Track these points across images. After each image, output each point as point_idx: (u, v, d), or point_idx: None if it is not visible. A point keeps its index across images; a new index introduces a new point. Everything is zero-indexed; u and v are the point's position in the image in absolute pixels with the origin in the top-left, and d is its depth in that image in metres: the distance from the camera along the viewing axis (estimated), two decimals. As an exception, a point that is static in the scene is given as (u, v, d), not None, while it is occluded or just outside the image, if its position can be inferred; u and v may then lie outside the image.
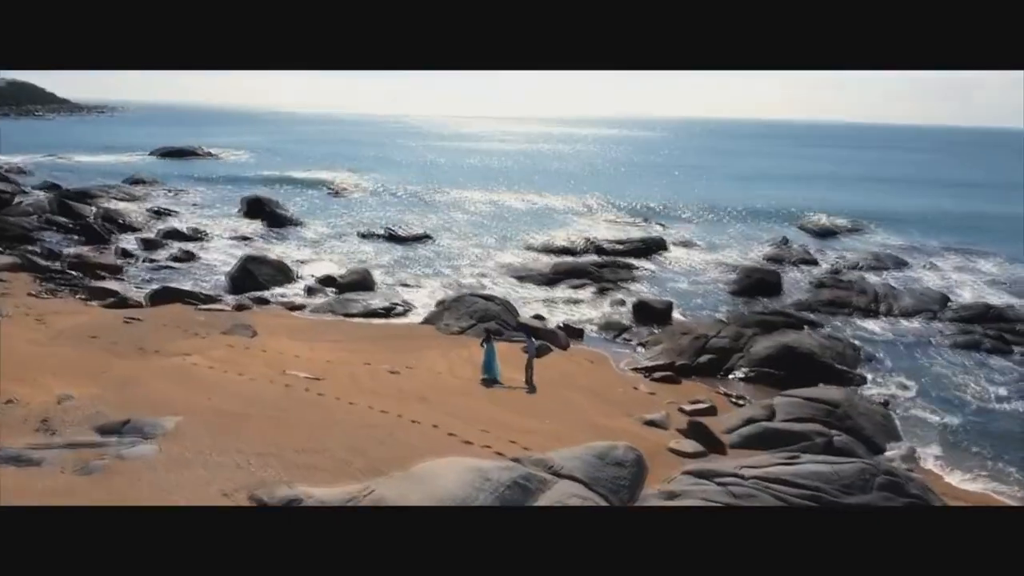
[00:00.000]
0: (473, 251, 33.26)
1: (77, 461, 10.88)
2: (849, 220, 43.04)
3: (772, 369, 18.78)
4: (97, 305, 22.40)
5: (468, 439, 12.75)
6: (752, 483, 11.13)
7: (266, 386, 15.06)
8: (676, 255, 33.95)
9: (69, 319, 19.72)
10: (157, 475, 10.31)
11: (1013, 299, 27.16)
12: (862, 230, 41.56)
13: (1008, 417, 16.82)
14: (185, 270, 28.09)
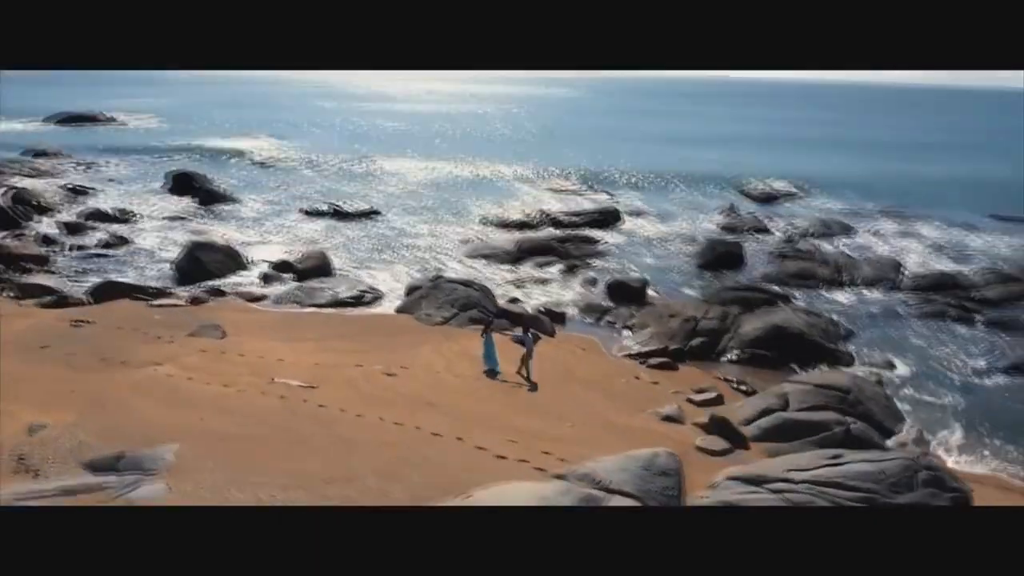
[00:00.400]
0: (426, 227, 32.14)
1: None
2: (788, 183, 43.91)
3: (763, 350, 18.84)
4: (33, 305, 20.34)
5: (500, 452, 12.10)
6: (805, 487, 10.95)
7: (258, 399, 13.93)
8: (631, 226, 33.78)
9: (6, 324, 17.77)
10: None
11: (960, 265, 28.23)
12: (801, 194, 42.46)
13: (995, 392, 17.41)
14: (121, 258, 25.94)
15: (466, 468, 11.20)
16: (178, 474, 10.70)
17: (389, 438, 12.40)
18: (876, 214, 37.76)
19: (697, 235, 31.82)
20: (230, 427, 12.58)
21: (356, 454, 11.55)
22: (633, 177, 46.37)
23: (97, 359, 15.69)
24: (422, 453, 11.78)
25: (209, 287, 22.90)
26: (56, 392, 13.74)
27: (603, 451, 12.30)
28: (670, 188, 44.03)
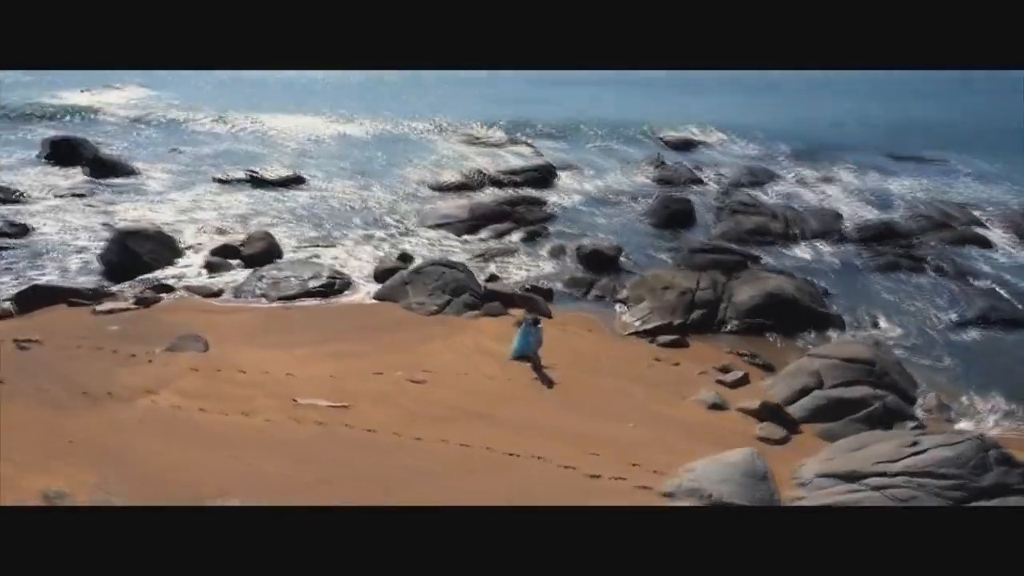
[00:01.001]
0: (361, 195, 30.21)
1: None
2: (701, 129, 44.73)
3: (762, 319, 19.17)
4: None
5: (590, 471, 11.57)
6: (903, 480, 11.20)
7: (293, 428, 12.64)
8: (569, 183, 33.30)
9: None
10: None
11: (889, 212, 29.88)
12: (716, 140, 43.38)
13: (979, 347, 18.65)
14: (27, 251, 22.70)
15: (567, 496, 10.63)
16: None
17: (468, 465, 11.59)
18: (791, 158, 39.15)
19: (638, 191, 31.84)
20: (281, 468, 11.33)
21: (449, 491, 10.68)
22: (545, 126, 45.47)
23: (75, 392, 13.63)
24: (516, 483, 11.07)
25: (151, 282, 20.52)
26: (49, 443, 11.80)
27: (681, 455, 12.10)
28: (585, 137, 43.44)
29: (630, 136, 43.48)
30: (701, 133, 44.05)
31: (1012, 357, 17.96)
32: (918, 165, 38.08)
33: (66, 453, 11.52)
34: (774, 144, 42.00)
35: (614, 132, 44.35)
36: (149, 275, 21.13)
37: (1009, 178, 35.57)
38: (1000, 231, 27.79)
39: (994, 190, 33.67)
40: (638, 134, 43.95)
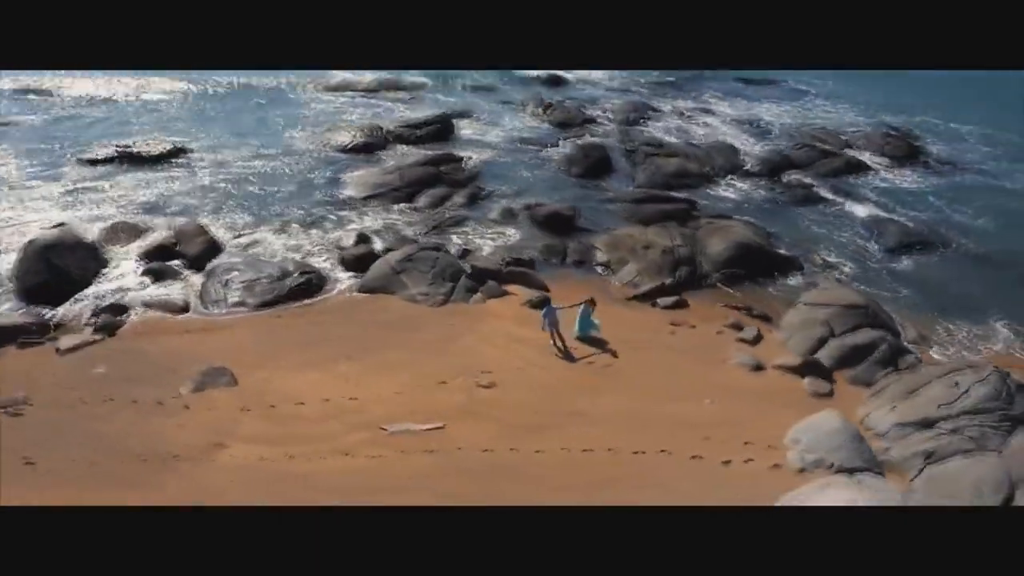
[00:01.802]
0: (261, 166, 27.86)
1: None
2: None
3: (736, 269, 20.71)
4: None
5: (719, 458, 12.41)
6: (967, 419, 13.14)
7: (407, 462, 12.31)
8: (471, 134, 32.66)
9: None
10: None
11: (771, 142, 32.58)
12: (577, 75, 43.96)
13: (914, 272, 21.43)
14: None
15: (732, 488, 11.44)
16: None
17: (608, 472, 11.99)
18: (655, 87, 41.18)
19: (543, 138, 32.11)
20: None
21: (622, 502, 11.08)
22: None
23: (130, 460, 12.22)
24: (669, 483, 11.68)
25: (95, 302, 18.17)
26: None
27: (772, 425, 13.31)
28: (455, 76, 42.60)
29: (499, 74, 43.12)
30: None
31: (945, 277, 20.94)
32: (771, 89, 41.42)
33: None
34: (633, 74, 43.60)
35: (483, 71, 43.68)
36: (85, 293, 18.67)
37: (850, 98, 39.82)
38: (869, 154, 31.39)
39: (844, 112, 37.65)
40: (506, 74, 43.67)
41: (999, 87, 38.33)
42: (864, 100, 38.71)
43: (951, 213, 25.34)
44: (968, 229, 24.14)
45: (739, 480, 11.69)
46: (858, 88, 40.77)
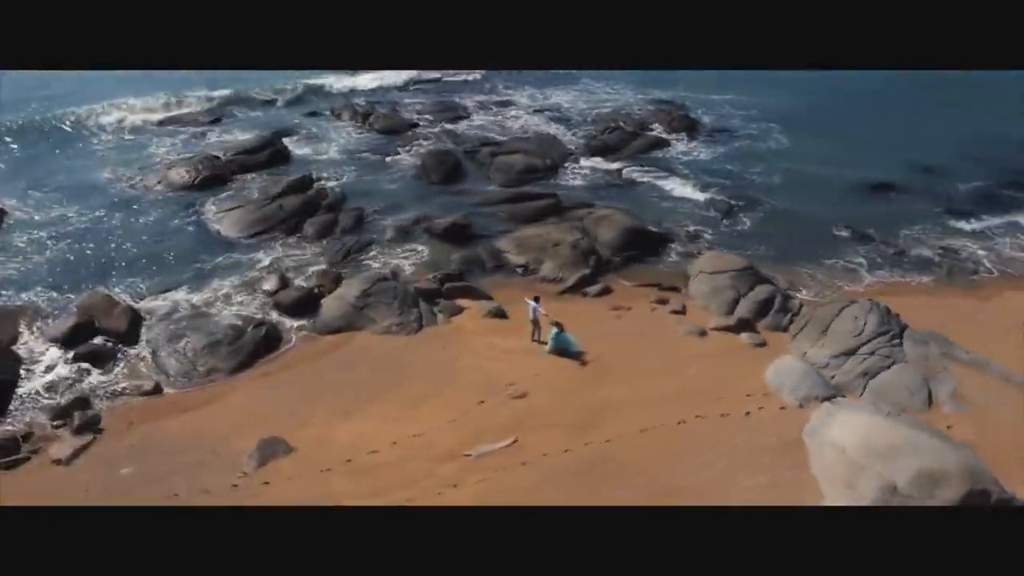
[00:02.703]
0: (102, 219, 25.85)
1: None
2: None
3: (629, 251, 24.19)
4: None
5: (739, 412, 15.61)
6: (876, 343, 17.79)
7: (520, 477, 13.96)
8: (306, 152, 32.72)
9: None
10: None
11: (580, 128, 36.54)
12: (350, 81, 44.08)
13: (751, 229, 26.36)
14: None
15: (761, 433, 14.71)
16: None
17: (676, 444, 14.61)
18: (448, 85, 43.58)
19: (379, 148, 33.11)
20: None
21: (705, 467, 13.86)
22: (199, 92, 41.19)
23: None
24: (723, 440, 14.61)
25: (49, 403, 16.79)
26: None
27: (749, 375, 16.93)
28: (241, 87, 41.22)
29: (284, 80, 42.38)
30: (375, 77, 44.82)
31: (774, 231, 26.09)
32: (551, 76, 45.58)
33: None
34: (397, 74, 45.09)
35: (261, 82, 42.55)
36: (18, 395, 17.10)
37: (618, 78, 45.33)
38: (662, 130, 36.65)
39: (621, 92, 42.92)
40: (292, 80, 43.07)
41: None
42: (631, 79, 44.31)
43: (749, 176, 31.09)
44: (768, 187, 29.94)
45: (768, 424, 15.00)
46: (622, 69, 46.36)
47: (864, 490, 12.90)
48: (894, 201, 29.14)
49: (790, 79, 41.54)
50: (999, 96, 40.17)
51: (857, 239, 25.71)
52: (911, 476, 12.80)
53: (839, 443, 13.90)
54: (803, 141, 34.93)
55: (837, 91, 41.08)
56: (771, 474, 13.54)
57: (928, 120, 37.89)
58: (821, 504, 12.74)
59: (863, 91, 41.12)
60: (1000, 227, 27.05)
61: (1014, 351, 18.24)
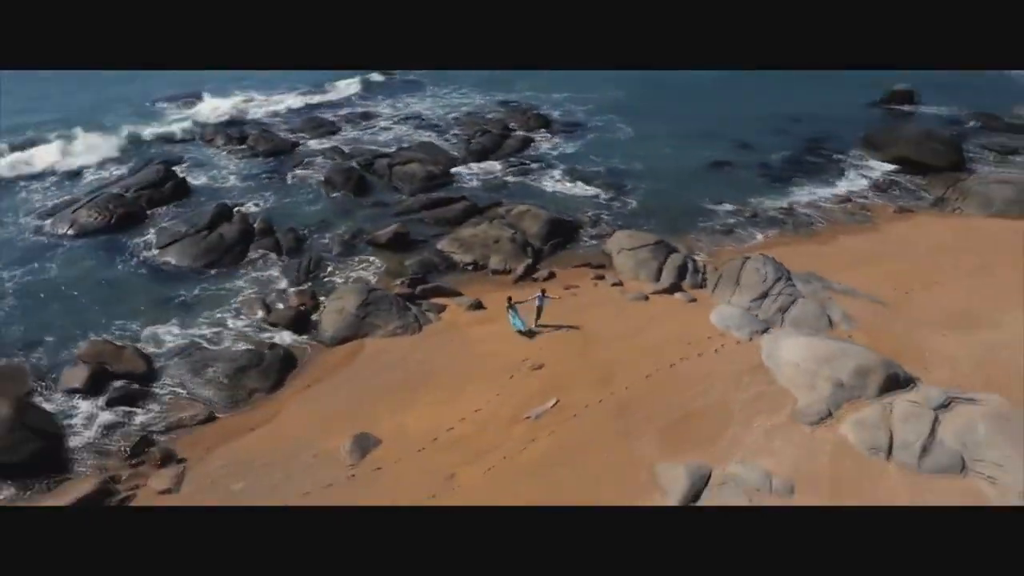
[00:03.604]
0: (31, 274, 25.72)
1: None
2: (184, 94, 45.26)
3: (556, 239, 28.30)
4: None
5: (715, 348, 20.33)
6: (779, 286, 23.46)
7: (581, 424, 17.63)
8: (199, 183, 33.32)
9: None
10: None
11: (448, 132, 39.99)
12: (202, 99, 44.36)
13: (630, 208, 31.53)
14: None
15: (742, 359, 19.56)
16: None
17: (690, 378, 18.97)
18: (307, 100, 45.12)
19: (270, 170, 34.46)
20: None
21: (716, 391, 18.36)
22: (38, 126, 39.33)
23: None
24: (718, 370, 19.21)
25: (118, 444, 17.79)
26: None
27: (698, 327, 21.86)
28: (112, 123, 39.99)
29: (124, 109, 41.75)
30: (184, 97, 44.74)
31: (656, 205, 31.42)
32: (396, 85, 48.41)
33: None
34: (228, 85, 46.07)
35: (106, 107, 41.63)
36: (73, 446, 17.90)
37: (462, 83, 49.12)
38: (521, 128, 41.01)
39: (470, 96, 46.77)
40: (131, 104, 42.45)
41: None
42: (475, 83, 48.29)
43: (615, 164, 36.32)
44: (634, 173, 35.29)
45: (734, 355, 19.83)
46: (459, 72, 50.11)
47: (821, 389, 18.04)
48: (732, 175, 35.70)
49: (611, 75, 47.73)
50: (789, 84, 49.03)
51: (720, 208, 31.69)
52: (850, 372, 18.07)
53: (792, 360, 19.00)
54: (644, 130, 40.92)
55: (656, 84, 47.86)
56: (755, 389, 18.40)
57: (737, 106, 45.64)
58: (796, 405, 17.66)
59: (678, 83, 48.25)
60: (814, 186, 34.40)
61: (863, 279, 24.66)
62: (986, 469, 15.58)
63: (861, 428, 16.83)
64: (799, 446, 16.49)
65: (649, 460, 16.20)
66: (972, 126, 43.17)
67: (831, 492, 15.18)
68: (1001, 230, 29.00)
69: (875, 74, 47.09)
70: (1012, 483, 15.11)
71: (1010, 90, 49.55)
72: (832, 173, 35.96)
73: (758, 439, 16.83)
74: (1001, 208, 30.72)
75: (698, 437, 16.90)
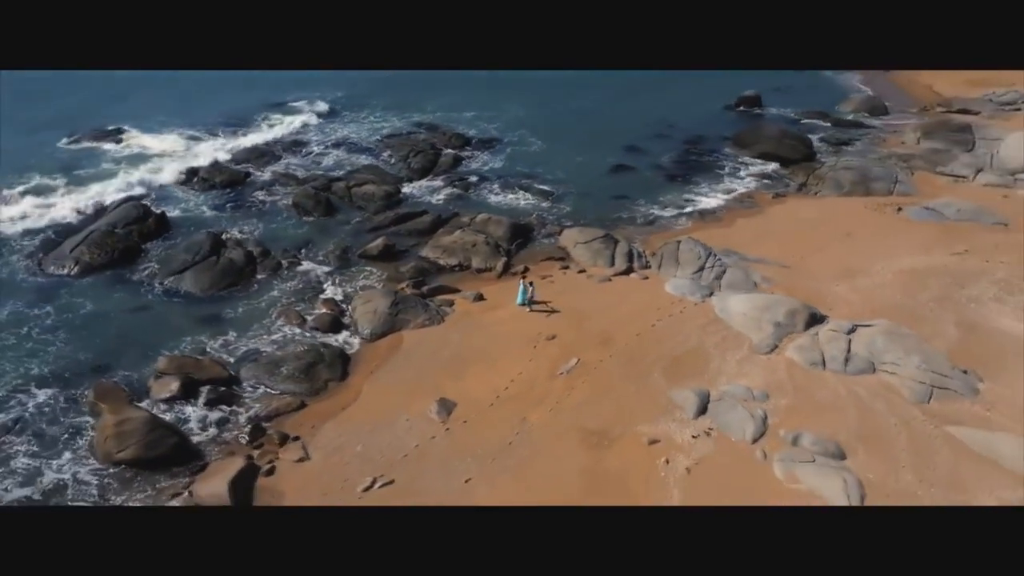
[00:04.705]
0: (45, 312, 28.10)
1: None
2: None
3: (518, 240, 33.77)
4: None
5: (679, 310, 26.57)
6: (718, 263, 30.35)
7: (605, 371, 23.24)
8: (176, 215, 35.99)
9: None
10: None
11: (380, 153, 44.41)
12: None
13: (555, 207, 37.62)
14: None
15: (713, 321, 25.94)
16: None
17: (677, 331, 25.05)
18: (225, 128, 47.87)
19: (242, 201, 37.62)
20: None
21: (699, 344, 24.55)
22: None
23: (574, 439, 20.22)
24: (690, 328, 25.45)
25: (236, 434, 21.50)
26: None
27: (657, 298, 28.25)
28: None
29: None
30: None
31: (586, 206, 37.54)
32: (289, 113, 51.99)
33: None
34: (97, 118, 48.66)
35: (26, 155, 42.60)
36: (197, 441, 21.46)
37: (372, 107, 53.39)
38: (445, 146, 46.05)
39: (387, 120, 51.15)
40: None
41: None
42: (388, 107, 52.73)
43: (540, 173, 42.14)
44: (558, 180, 41.07)
45: (696, 313, 26.18)
46: (369, 97, 54.31)
47: (766, 329, 24.67)
48: (636, 176, 42.52)
49: (506, 93, 53.96)
50: (651, 91, 56.94)
51: (637, 205, 38.36)
52: (784, 314, 24.88)
53: (739, 311, 25.61)
54: (551, 142, 47.09)
55: (551, 101, 54.44)
56: (719, 335, 24.84)
57: (620, 116, 52.76)
58: (752, 342, 24.15)
59: (569, 99, 55.05)
60: (706, 180, 41.91)
61: (766, 250, 31.94)
62: (888, 367, 22.72)
63: (801, 351, 23.61)
64: (763, 368, 23.02)
65: (663, 390, 22.13)
66: (808, 123, 52.68)
67: (794, 394, 21.76)
68: (852, 205, 37.52)
69: (724, 81, 56.04)
70: (905, 373, 22.29)
71: (833, 91, 60.10)
72: (716, 169, 43.67)
73: (733, 367, 23.21)
74: (849, 189, 39.38)
75: (692, 371, 23.04)
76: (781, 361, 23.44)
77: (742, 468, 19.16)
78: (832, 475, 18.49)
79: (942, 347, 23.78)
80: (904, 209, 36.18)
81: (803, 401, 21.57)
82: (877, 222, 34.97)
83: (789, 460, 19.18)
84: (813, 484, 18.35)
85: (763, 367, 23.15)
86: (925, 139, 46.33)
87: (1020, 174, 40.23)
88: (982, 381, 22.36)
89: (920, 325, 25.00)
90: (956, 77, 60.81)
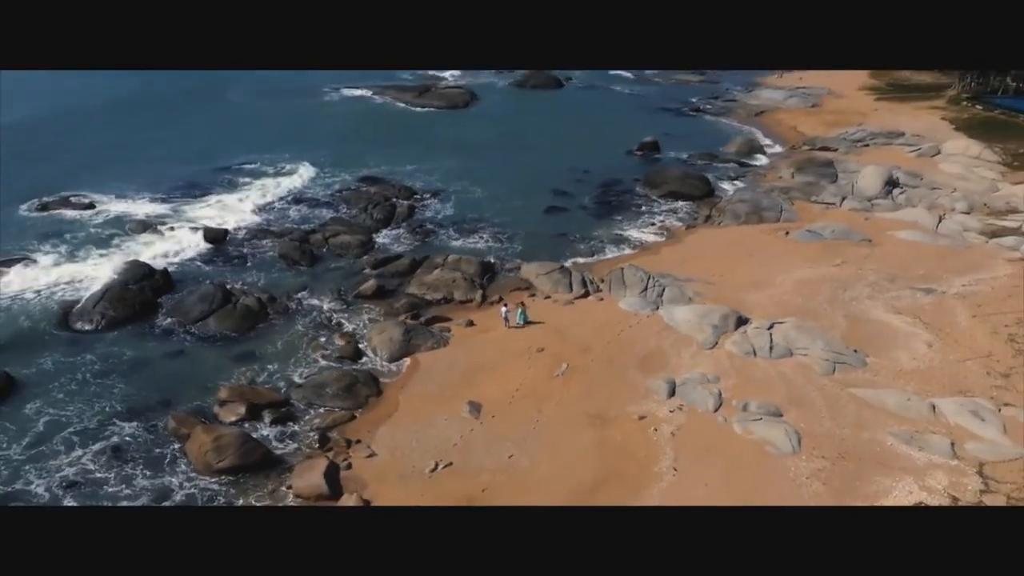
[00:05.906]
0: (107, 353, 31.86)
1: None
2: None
3: (486, 275, 39.79)
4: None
5: (646, 318, 33.32)
6: (659, 285, 37.54)
7: (594, 369, 29.56)
8: (172, 271, 39.95)
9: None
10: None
11: (337, 205, 49.58)
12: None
13: (534, 236, 44.05)
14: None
15: (681, 323, 32.76)
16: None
17: (659, 339, 31.63)
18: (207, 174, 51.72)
19: (232, 253, 41.93)
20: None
21: (677, 356, 31.27)
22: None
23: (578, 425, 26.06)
24: (664, 330, 32.17)
25: (308, 440, 26.31)
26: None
27: (622, 313, 35.12)
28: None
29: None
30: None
31: (536, 244, 44.06)
32: (264, 169, 56.42)
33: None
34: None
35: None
36: (278, 452, 26.16)
37: (315, 161, 58.31)
38: (396, 198, 51.61)
39: (334, 175, 56.19)
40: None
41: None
42: (327, 162, 57.78)
43: (494, 217, 48.30)
44: (484, 220, 47.30)
45: (651, 323, 32.93)
46: (314, 153, 59.19)
47: (706, 331, 31.78)
48: (569, 216, 49.41)
49: (438, 145, 60.30)
50: (578, 139, 64.59)
51: (576, 240, 45.24)
52: (718, 319, 32.09)
53: (684, 319, 32.68)
54: (491, 189, 53.45)
55: (479, 154, 61.03)
56: (672, 338, 31.77)
57: (546, 164, 59.89)
58: (698, 341, 31.18)
59: (495, 150, 61.80)
60: (627, 217, 49.33)
61: (691, 271, 39.33)
62: (801, 352, 30.16)
63: (736, 345, 30.75)
64: (710, 359, 29.96)
65: (640, 381, 28.62)
66: (701, 163, 61.62)
67: (736, 375, 28.73)
68: (750, 232, 45.82)
69: (623, 130, 64.71)
70: (814, 354, 29.77)
71: (717, 134, 69.82)
72: (633, 207, 51.28)
73: (688, 360, 30.03)
74: (745, 218, 47.78)
75: (658, 365, 29.69)
76: (723, 353, 30.45)
77: (711, 429, 25.78)
78: (776, 427, 25.38)
79: (837, 334, 31.51)
80: (791, 232, 44.73)
81: (745, 380, 28.54)
82: (772, 244, 43.23)
83: (744, 420, 25.96)
84: (763, 435, 25.15)
85: (710, 359, 30.06)
86: (798, 173, 55.86)
87: (875, 199, 50.00)
88: (868, 356, 30.11)
89: (819, 319, 32.75)
90: (815, 119, 72.12)
